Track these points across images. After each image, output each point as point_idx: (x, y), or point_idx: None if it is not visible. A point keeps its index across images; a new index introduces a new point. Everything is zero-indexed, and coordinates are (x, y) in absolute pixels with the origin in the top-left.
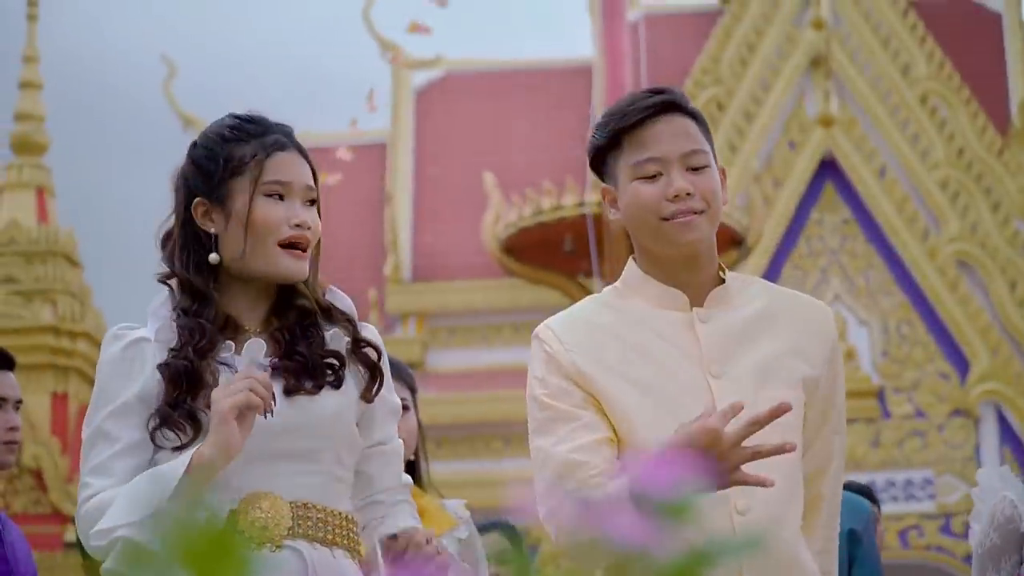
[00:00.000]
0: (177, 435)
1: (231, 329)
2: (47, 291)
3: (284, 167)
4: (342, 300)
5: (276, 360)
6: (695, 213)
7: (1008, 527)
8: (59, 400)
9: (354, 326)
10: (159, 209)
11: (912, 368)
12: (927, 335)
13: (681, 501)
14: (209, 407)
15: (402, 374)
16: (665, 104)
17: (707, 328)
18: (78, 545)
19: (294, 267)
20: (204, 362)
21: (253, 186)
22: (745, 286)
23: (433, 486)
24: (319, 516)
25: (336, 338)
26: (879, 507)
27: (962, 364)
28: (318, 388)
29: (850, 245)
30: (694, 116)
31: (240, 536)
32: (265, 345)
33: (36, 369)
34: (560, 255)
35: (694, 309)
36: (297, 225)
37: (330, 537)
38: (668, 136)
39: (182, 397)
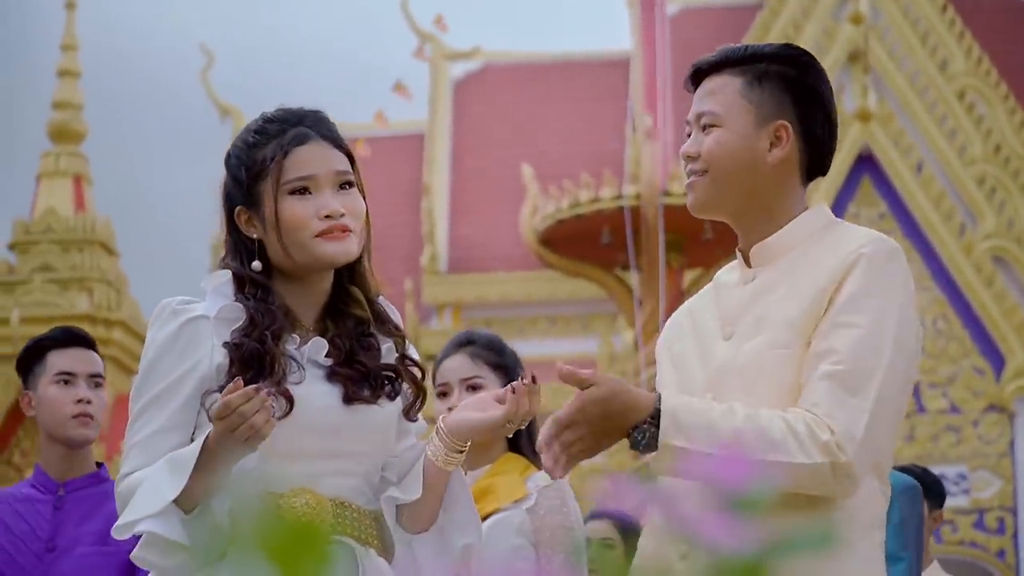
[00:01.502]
0: None
1: (289, 322)
2: (83, 279)
3: (304, 161)
4: (393, 312)
5: (334, 364)
6: (698, 175)
7: None
8: None
9: (403, 343)
10: (197, 198)
11: (947, 363)
12: (962, 330)
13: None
14: (274, 393)
15: (480, 352)
16: (704, 68)
17: (738, 291)
18: None
19: (334, 250)
20: (277, 348)
21: (276, 188)
22: (812, 232)
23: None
24: (355, 515)
25: (389, 353)
26: (940, 500)
27: (997, 360)
28: (376, 398)
29: None
30: (747, 69)
31: (325, 530)
32: (326, 346)
33: None
34: (597, 247)
35: (743, 270)
36: (328, 216)
37: (364, 536)
38: (696, 98)
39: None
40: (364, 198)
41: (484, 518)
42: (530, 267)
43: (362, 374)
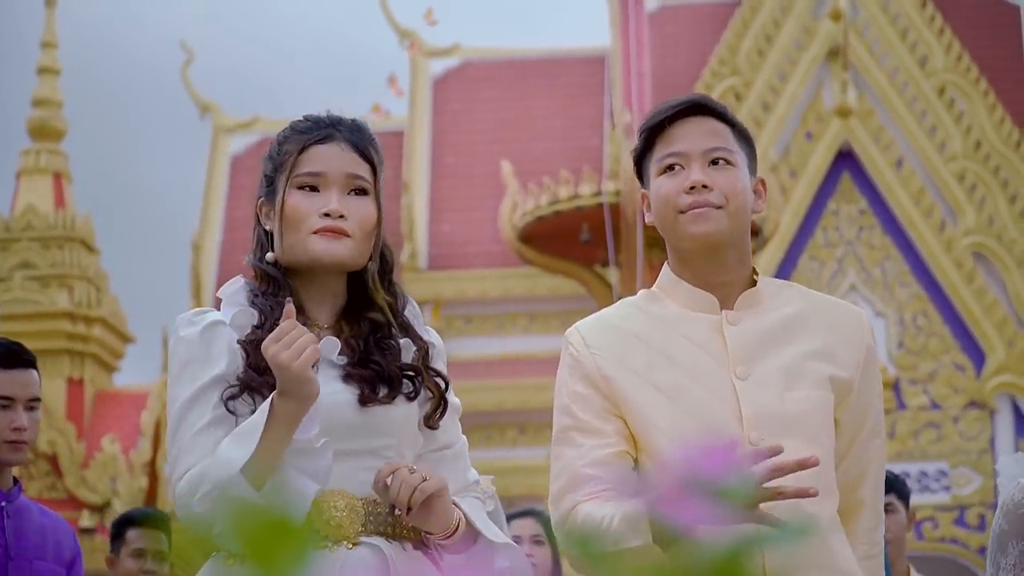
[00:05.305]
0: (255, 402)
1: (302, 319)
2: (63, 276)
3: (318, 158)
4: (418, 321)
5: (348, 364)
6: (713, 207)
7: (1017, 512)
8: (75, 385)
9: (426, 350)
10: (178, 195)
11: (928, 360)
12: (943, 327)
13: (697, 539)
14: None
15: None
16: (693, 105)
17: (735, 330)
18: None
19: (325, 249)
20: None
21: (287, 179)
22: (780, 290)
23: None
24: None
25: (407, 349)
26: (906, 499)
27: (978, 356)
28: (392, 398)
29: (867, 236)
30: (730, 123)
31: (310, 533)
32: (339, 345)
33: (52, 354)
34: (577, 244)
35: (723, 311)
36: (327, 214)
37: (398, 532)
38: (693, 134)
39: (268, 366)
40: (380, 210)
41: None
42: (510, 264)
43: (377, 374)
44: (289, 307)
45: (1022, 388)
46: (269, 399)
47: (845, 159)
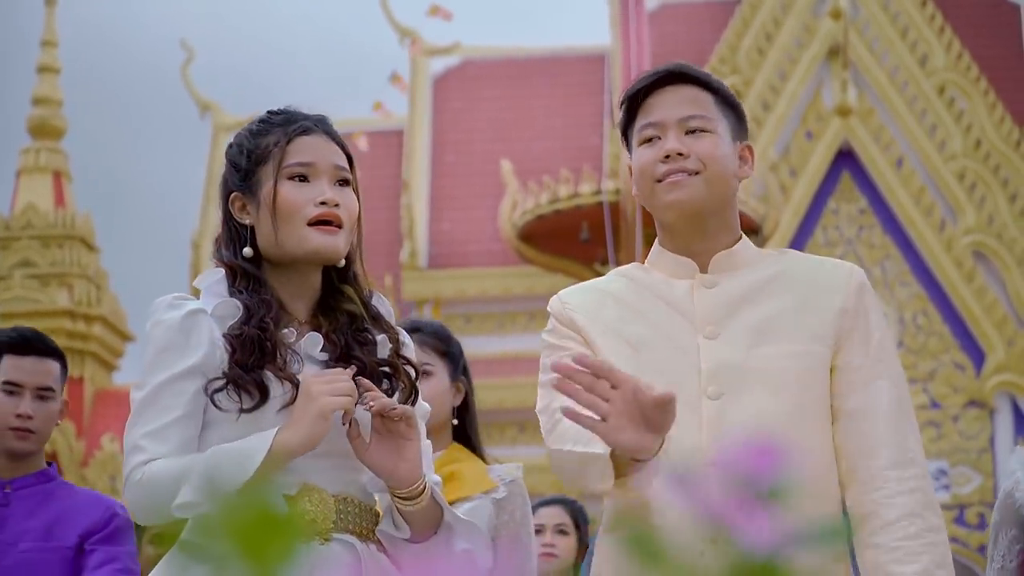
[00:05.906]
0: (241, 399)
1: (283, 314)
2: (63, 275)
3: (307, 149)
4: (387, 308)
5: (330, 359)
6: (689, 174)
7: (1006, 502)
8: (74, 384)
9: (397, 341)
10: (177, 194)
11: (928, 359)
12: (943, 326)
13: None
14: (279, 376)
15: (427, 340)
16: (670, 74)
17: (708, 293)
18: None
19: (324, 242)
20: (277, 335)
21: (276, 170)
22: (764, 255)
23: (488, 455)
24: (356, 511)
25: (383, 345)
26: None
27: (978, 355)
28: None
29: (866, 235)
30: (711, 89)
31: (297, 526)
32: (322, 340)
33: None
34: (576, 243)
35: (698, 275)
36: (323, 203)
37: (365, 532)
38: (669, 102)
39: (254, 363)
40: (360, 202)
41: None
42: (509, 263)
43: (359, 370)
44: (366, 384)
45: (1022, 387)
46: (273, 432)
47: (845, 158)
